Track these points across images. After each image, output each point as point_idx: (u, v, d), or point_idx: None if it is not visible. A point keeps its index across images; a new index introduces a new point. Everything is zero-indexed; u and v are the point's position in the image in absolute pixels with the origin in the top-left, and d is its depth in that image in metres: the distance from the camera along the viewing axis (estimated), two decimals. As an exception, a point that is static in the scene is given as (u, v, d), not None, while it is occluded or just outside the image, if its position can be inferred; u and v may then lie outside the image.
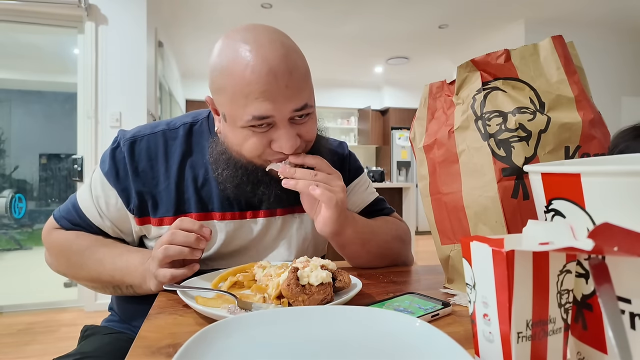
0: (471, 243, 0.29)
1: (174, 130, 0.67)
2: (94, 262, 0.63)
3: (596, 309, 0.28)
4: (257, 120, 0.55)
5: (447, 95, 0.59)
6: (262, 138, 0.57)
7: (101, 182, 0.65)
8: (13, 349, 1.93)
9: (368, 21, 3.71)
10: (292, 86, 0.55)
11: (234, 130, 0.58)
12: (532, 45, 0.53)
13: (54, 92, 4.60)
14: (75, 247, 0.65)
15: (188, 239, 0.54)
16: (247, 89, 0.53)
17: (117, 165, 0.64)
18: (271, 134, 0.57)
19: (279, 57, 0.54)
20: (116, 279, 0.62)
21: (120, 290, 0.65)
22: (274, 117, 0.55)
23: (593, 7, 3.34)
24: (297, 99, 0.56)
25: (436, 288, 0.59)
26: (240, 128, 0.57)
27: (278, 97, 0.54)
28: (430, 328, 0.33)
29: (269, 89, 0.53)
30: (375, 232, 0.69)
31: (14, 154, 4.37)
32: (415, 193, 3.87)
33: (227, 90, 0.56)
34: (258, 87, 0.53)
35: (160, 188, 0.64)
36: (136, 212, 0.64)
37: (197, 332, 0.31)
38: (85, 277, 0.66)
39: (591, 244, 0.22)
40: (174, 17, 3.53)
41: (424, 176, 0.60)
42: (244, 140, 0.58)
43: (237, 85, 0.54)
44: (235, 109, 0.56)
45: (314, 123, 0.63)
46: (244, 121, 0.55)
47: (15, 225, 3.98)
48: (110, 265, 0.62)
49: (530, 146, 0.48)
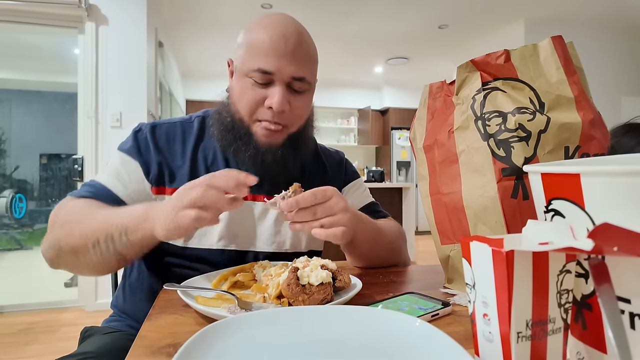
0: (471, 243, 0.29)
1: (190, 122, 0.75)
2: (97, 214, 0.59)
3: (596, 309, 0.28)
4: (261, 73, 0.63)
5: (447, 96, 0.59)
6: (258, 93, 0.64)
7: (121, 159, 0.69)
8: (13, 348, 1.93)
9: (368, 21, 3.71)
10: (298, 55, 0.64)
11: (239, 79, 0.66)
12: (532, 45, 0.53)
13: (54, 92, 4.60)
14: (83, 206, 0.62)
15: (228, 183, 0.49)
16: (260, 43, 0.63)
17: (139, 143, 0.70)
18: (267, 91, 0.64)
19: (293, 30, 0.65)
20: (112, 225, 0.55)
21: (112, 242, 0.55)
22: (274, 75, 0.63)
23: (592, 7, 3.34)
24: (299, 68, 0.64)
25: (436, 288, 0.59)
26: (244, 77, 0.65)
27: (283, 57, 0.63)
28: (430, 328, 0.33)
29: (277, 47, 0.62)
30: (381, 232, 0.70)
31: (15, 154, 4.38)
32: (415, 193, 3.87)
33: (244, 44, 0.66)
34: (269, 44, 0.62)
35: (177, 163, 0.70)
36: (154, 181, 0.68)
37: (198, 332, 0.31)
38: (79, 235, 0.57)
39: (591, 244, 0.22)
40: (174, 18, 3.53)
41: (424, 176, 0.60)
42: (243, 91, 0.65)
43: (253, 39, 0.64)
44: (246, 58, 0.64)
45: (307, 103, 0.70)
46: (249, 70, 0.63)
47: (15, 225, 3.98)
48: (111, 213, 0.58)
49: (530, 146, 0.49)
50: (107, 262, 0.57)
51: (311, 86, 0.69)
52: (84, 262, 0.58)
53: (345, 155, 0.89)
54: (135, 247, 0.55)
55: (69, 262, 0.60)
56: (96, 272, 0.62)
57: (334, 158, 0.86)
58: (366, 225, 0.64)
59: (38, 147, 4.48)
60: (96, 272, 0.61)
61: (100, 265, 0.59)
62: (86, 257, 0.57)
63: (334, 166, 0.84)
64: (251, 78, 0.64)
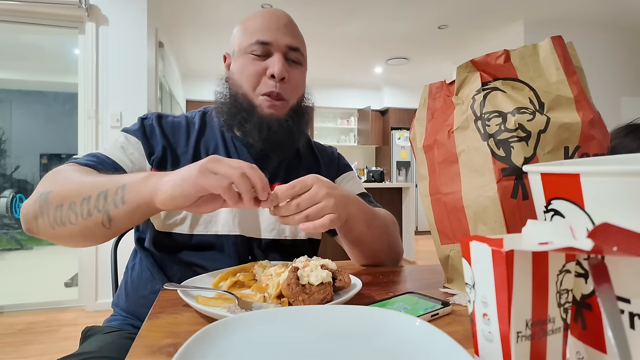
0: (471, 243, 0.29)
1: (192, 117, 0.79)
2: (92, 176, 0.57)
3: (595, 309, 0.28)
4: (259, 44, 0.69)
5: (447, 96, 0.59)
6: (259, 65, 0.70)
7: (126, 137, 0.70)
8: (14, 348, 1.93)
9: (368, 21, 3.71)
10: (290, 28, 0.72)
11: (239, 59, 0.72)
12: (532, 45, 0.53)
13: (54, 92, 4.60)
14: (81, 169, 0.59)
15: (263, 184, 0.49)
16: (254, 24, 0.71)
17: (145, 127, 0.72)
18: (267, 62, 0.70)
19: (284, 13, 0.74)
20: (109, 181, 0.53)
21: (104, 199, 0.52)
22: (272, 46, 0.70)
23: (592, 7, 3.34)
24: (292, 39, 0.71)
25: (436, 288, 0.59)
26: (244, 55, 0.71)
27: (277, 29, 0.70)
28: (430, 327, 0.33)
29: (271, 22, 0.71)
30: (375, 214, 0.70)
31: (15, 154, 4.38)
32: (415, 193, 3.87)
33: (240, 30, 0.73)
34: (262, 22, 0.71)
35: (180, 151, 0.73)
36: (156, 163, 0.70)
37: (198, 332, 0.31)
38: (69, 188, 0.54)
39: (590, 243, 0.23)
40: (175, 18, 3.53)
41: (423, 176, 0.60)
42: (244, 68, 0.70)
43: (248, 23, 0.72)
44: (244, 38, 0.71)
45: (302, 76, 0.76)
46: (248, 45, 0.70)
47: (16, 225, 3.98)
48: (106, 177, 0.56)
49: (530, 146, 0.49)
50: (92, 223, 0.53)
51: (304, 61, 0.76)
52: (66, 220, 0.53)
53: (337, 151, 0.91)
54: (127, 208, 0.52)
55: (49, 218, 0.54)
56: (74, 237, 0.55)
57: (326, 152, 0.89)
58: (359, 206, 0.63)
59: (38, 147, 4.48)
60: (74, 235, 0.55)
61: (83, 227, 0.53)
62: (70, 212, 0.53)
63: (326, 159, 0.86)
64: (251, 53, 0.70)
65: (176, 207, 0.50)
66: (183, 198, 0.48)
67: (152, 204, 0.51)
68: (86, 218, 0.53)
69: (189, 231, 0.69)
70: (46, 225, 0.55)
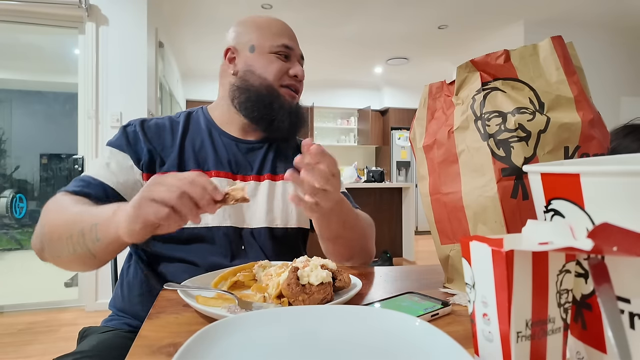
0: (471, 243, 0.29)
1: (177, 117, 0.81)
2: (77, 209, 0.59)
3: (595, 309, 0.28)
4: (285, 48, 0.78)
5: (447, 96, 0.59)
6: (283, 64, 0.78)
7: (110, 152, 0.72)
8: (13, 348, 1.93)
9: (368, 22, 3.71)
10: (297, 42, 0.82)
11: (262, 56, 0.78)
12: (532, 45, 0.53)
13: (54, 92, 4.60)
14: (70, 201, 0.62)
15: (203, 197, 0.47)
16: (275, 28, 0.79)
17: (127, 136, 0.73)
18: (288, 64, 0.79)
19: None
20: (85, 220, 0.55)
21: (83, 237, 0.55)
22: (293, 51, 0.80)
23: (592, 7, 3.34)
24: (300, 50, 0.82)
25: (436, 288, 0.59)
26: (268, 54, 0.77)
27: (294, 39, 0.81)
28: (430, 327, 0.33)
29: (289, 29, 0.81)
30: (356, 217, 0.73)
31: (15, 154, 4.37)
32: (415, 193, 3.87)
33: (256, 30, 0.79)
34: (284, 28, 0.80)
35: (166, 152, 0.74)
36: (145, 168, 0.71)
37: (198, 332, 0.31)
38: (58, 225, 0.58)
39: (590, 243, 0.23)
40: (175, 18, 3.53)
41: (423, 176, 0.60)
42: (270, 64, 0.77)
43: (267, 25, 0.79)
44: (267, 39, 0.78)
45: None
46: (274, 47, 0.77)
47: (16, 225, 3.98)
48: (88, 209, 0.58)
49: (530, 146, 0.49)
50: (80, 257, 0.57)
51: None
52: (64, 255, 0.58)
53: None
54: (102, 246, 0.54)
55: (50, 252, 0.59)
56: (74, 267, 0.61)
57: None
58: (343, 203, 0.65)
59: (38, 147, 4.47)
60: (73, 266, 0.60)
61: (76, 260, 0.58)
62: (62, 249, 0.57)
63: None
64: (276, 53, 0.77)
65: (140, 239, 0.50)
66: (142, 231, 0.48)
67: (122, 240, 0.52)
68: (73, 253, 0.57)
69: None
70: (51, 257, 0.61)
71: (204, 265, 0.68)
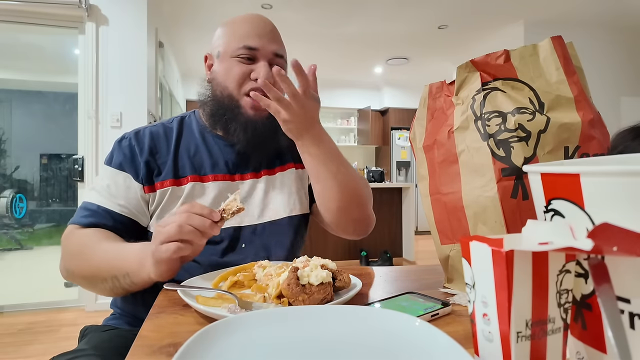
0: (471, 243, 0.29)
1: (170, 123, 0.79)
2: (101, 252, 0.63)
3: (595, 309, 0.28)
4: (246, 49, 0.70)
5: (447, 96, 0.59)
6: (245, 68, 0.71)
7: (109, 173, 0.71)
8: (14, 348, 1.93)
9: (368, 22, 3.71)
10: (276, 36, 0.74)
11: (224, 62, 0.73)
12: (532, 45, 0.53)
13: (54, 92, 4.60)
14: (88, 240, 0.65)
15: (203, 223, 0.52)
16: (241, 28, 0.72)
17: (123, 151, 0.72)
18: (252, 66, 0.71)
19: (266, 18, 0.75)
20: (115, 267, 0.60)
21: (118, 281, 0.61)
22: (258, 52, 0.71)
23: (592, 7, 3.34)
24: (277, 45, 0.73)
25: (436, 288, 0.59)
26: (230, 58, 0.72)
27: (264, 35, 0.72)
28: (430, 327, 0.33)
29: (258, 27, 0.72)
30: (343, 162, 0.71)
31: (15, 154, 4.37)
32: (415, 193, 3.87)
33: (225, 33, 0.74)
34: (250, 26, 0.72)
35: (162, 160, 0.73)
36: (145, 180, 0.71)
37: (198, 332, 0.31)
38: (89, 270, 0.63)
39: (590, 244, 0.23)
40: (175, 18, 3.53)
41: (423, 176, 0.60)
42: (229, 70, 0.71)
43: (234, 27, 0.73)
44: (230, 42, 0.72)
45: None
46: (235, 49, 0.71)
47: (16, 225, 3.98)
48: (113, 253, 0.62)
49: (530, 146, 0.49)
50: (117, 293, 0.63)
51: (287, 68, 0.75)
52: (98, 289, 0.64)
53: None
54: (139, 285, 0.59)
55: (84, 286, 0.66)
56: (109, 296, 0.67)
57: None
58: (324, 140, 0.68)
59: (38, 147, 4.47)
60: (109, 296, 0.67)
61: (113, 294, 0.64)
62: (96, 288, 0.64)
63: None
64: (237, 57, 0.71)
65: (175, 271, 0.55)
66: (169, 270, 0.54)
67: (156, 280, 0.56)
68: (110, 291, 0.63)
69: None
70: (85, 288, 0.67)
71: (204, 263, 0.68)
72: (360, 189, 0.74)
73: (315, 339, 0.34)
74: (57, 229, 4.18)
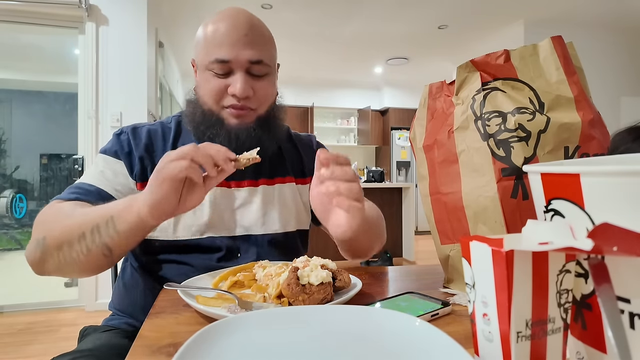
0: (471, 243, 0.29)
1: (168, 124, 0.77)
2: (79, 212, 0.57)
3: (595, 309, 0.28)
4: (218, 63, 0.65)
5: (447, 96, 0.59)
6: (220, 82, 0.66)
7: (104, 160, 0.69)
8: (13, 348, 1.93)
9: (368, 22, 3.71)
10: (251, 37, 0.66)
11: (201, 74, 0.69)
12: (532, 45, 0.53)
13: (54, 92, 4.60)
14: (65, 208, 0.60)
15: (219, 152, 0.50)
16: (212, 36, 0.65)
17: (121, 143, 0.71)
18: (228, 80, 0.66)
19: (242, 15, 0.67)
20: (97, 216, 0.55)
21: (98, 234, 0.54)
22: (232, 63, 0.65)
23: (592, 7, 3.34)
24: (254, 50, 0.65)
25: (436, 288, 0.59)
26: (205, 71, 0.67)
27: (236, 43, 0.65)
28: (430, 327, 0.33)
29: (230, 34, 0.65)
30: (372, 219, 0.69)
31: (15, 154, 4.37)
32: (415, 193, 3.87)
33: (199, 42, 0.68)
34: (220, 34, 0.65)
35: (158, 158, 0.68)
36: (138, 177, 0.69)
37: (198, 332, 0.31)
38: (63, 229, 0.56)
39: (590, 243, 0.22)
40: (175, 18, 3.53)
41: (423, 176, 0.60)
42: (206, 83, 0.67)
43: (207, 35, 0.66)
44: (203, 54, 0.67)
45: (270, 86, 0.71)
46: (207, 62, 0.66)
47: (15, 225, 3.98)
48: (96, 208, 0.57)
49: (530, 146, 0.49)
50: (94, 257, 0.55)
51: (272, 69, 0.70)
52: (70, 259, 0.55)
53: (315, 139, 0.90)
54: (122, 236, 0.54)
55: (54, 261, 0.56)
56: (83, 271, 0.59)
57: (304, 142, 0.87)
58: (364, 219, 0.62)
59: (38, 147, 4.47)
60: (83, 270, 0.58)
61: (87, 262, 0.56)
62: (71, 252, 0.55)
63: (306, 149, 0.85)
64: (211, 70, 0.66)
65: (166, 214, 0.52)
66: (165, 200, 0.50)
67: (145, 223, 0.53)
68: (87, 254, 0.55)
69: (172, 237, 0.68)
70: (53, 268, 0.58)
71: (199, 268, 0.67)
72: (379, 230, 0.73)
73: (315, 339, 0.34)
74: (57, 229, 4.17)
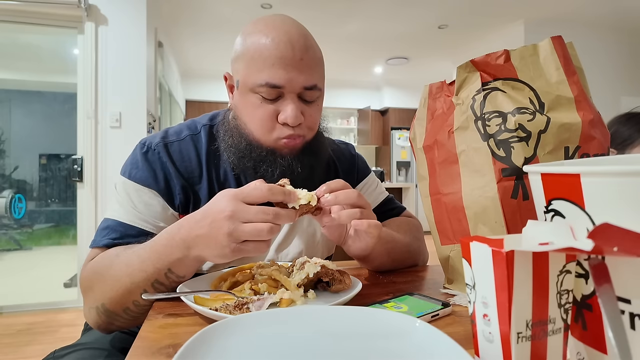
0: (471, 243, 0.29)
1: (197, 135, 0.69)
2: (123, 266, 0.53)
3: (596, 309, 0.28)
4: (270, 87, 0.57)
5: (447, 96, 0.59)
6: (270, 110, 0.59)
7: (135, 189, 0.62)
8: (13, 349, 1.93)
9: (368, 21, 3.71)
10: (307, 62, 0.59)
11: (245, 96, 0.61)
12: (532, 45, 0.53)
13: (53, 92, 4.59)
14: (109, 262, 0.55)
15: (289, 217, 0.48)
16: (265, 53, 0.57)
17: (153, 167, 0.63)
18: (278, 105, 0.59)
19: (298, 33, 0.59)
20: (153, 274, 0.51)
21: (161, 285, 0.52)
22: (284, 89, 0.58)
23: (592, 7, 3.34)
24: (309, 76, 0.59)
25: (436, 288, 0.59)
26: (250, 93, 0.59)
27: (292, 67, 0.57)
28: (430, 328, 0.33)
29: (285, 56, 0.57)
30: (396, 240, 0.67)
31: (14, 154, 4.37)
32: (415, 193, 3.87)
33: (245, 55, 0.59)
34: (276, 53, 0.57)
35: (197, 187, 0.65)
36: (182, 209, 0.63)
37: (197, 332, 0.31)
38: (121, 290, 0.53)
39: (591, 244, 0.22)
40: (174, 17, 3.53)
41: (423, 176, 0.60)
42: (253, 109, 0.60)
43: (256, 49, 0.58)
44: (251, 72, 0.58)
45: (318, 112, 0.65)
46: (254, 85, 0.58)
47: (15, 225, 3.98)
48: (137, 259, 0.52)
49: (530, 146, 0.48)
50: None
51: (322, 93, 0.65)
52: (142, 311, 0.53)
53: (354, 150, 0.86)
54: (186, 277, 0.53)
55: (124, 319, 0.55)
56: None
57: (345, 156, 0.82)
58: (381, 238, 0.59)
59: (37, 147, 4.47)
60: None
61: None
62: (139, 308, 0.53)
63: (345, 165, 0.80)
64: (258, 94, 0.58)
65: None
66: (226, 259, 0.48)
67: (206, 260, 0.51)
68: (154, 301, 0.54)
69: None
70: (124, 325, 0.56)
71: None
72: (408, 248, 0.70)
73: (315, 339, 0.34)
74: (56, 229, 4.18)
